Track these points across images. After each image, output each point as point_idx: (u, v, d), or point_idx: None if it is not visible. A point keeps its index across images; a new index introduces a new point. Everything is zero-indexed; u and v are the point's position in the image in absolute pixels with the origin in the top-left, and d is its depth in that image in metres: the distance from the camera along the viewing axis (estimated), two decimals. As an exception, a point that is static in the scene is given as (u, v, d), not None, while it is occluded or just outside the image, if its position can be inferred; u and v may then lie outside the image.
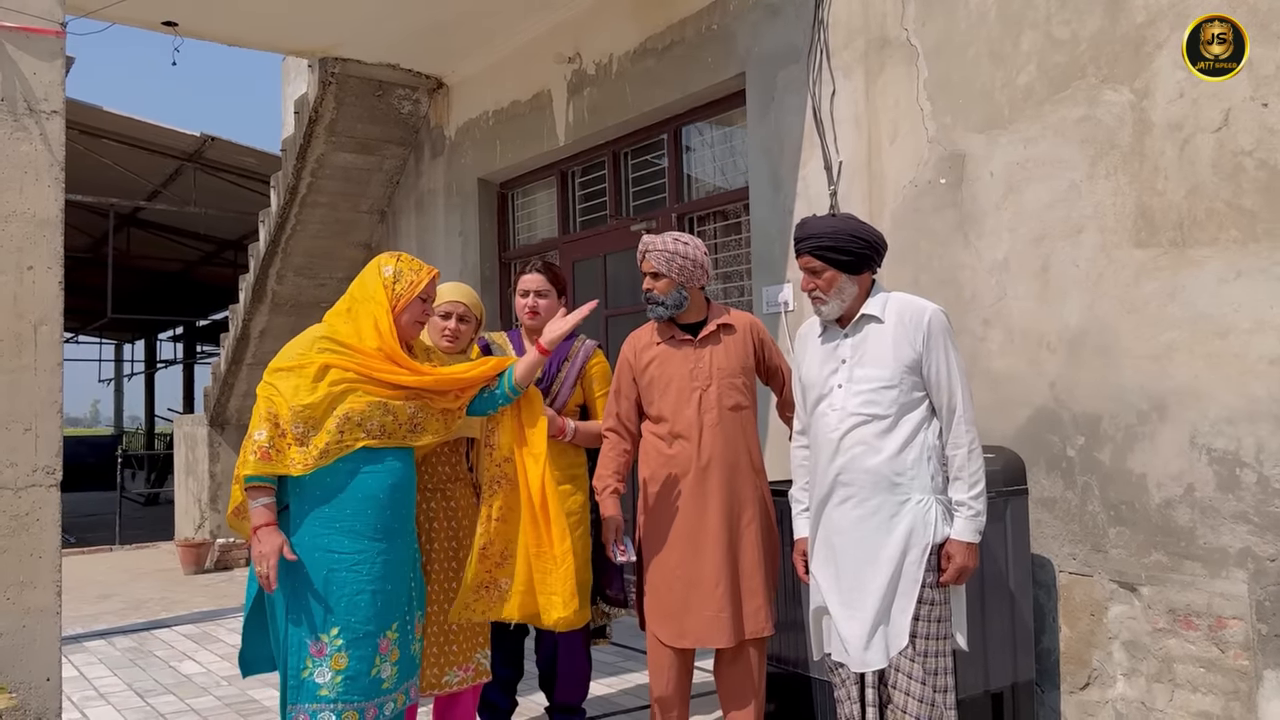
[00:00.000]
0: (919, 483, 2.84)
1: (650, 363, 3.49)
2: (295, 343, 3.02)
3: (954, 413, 2.87)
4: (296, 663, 2.81)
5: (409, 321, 3.10)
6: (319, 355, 2.94)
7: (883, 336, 2.91)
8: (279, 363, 2.96)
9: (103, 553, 10.45)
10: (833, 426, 2.92)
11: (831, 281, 2.94)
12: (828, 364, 2.99)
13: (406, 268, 3.13)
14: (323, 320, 3.10)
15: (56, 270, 3.39)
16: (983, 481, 2.87)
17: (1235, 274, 3.32)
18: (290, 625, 2.82)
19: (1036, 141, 3.87)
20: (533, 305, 3.75)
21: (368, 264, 3.17)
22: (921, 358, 2.87)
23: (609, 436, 3.57)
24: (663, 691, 3.45)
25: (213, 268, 16.30)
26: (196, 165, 11.59)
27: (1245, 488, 3.28)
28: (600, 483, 3.52)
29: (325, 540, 2.86)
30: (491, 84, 7.16)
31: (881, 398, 2.86)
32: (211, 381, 9.37)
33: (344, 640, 2.83)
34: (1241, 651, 3.29)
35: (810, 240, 2.96)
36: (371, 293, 3.08)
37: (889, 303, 2.95)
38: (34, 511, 3.31)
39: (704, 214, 5.74)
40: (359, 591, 2.87)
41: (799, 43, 4.84)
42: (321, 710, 2.81)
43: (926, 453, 2.86)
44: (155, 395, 22.06)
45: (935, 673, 2.79)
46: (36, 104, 3.36)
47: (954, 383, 2.87)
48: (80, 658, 5.53)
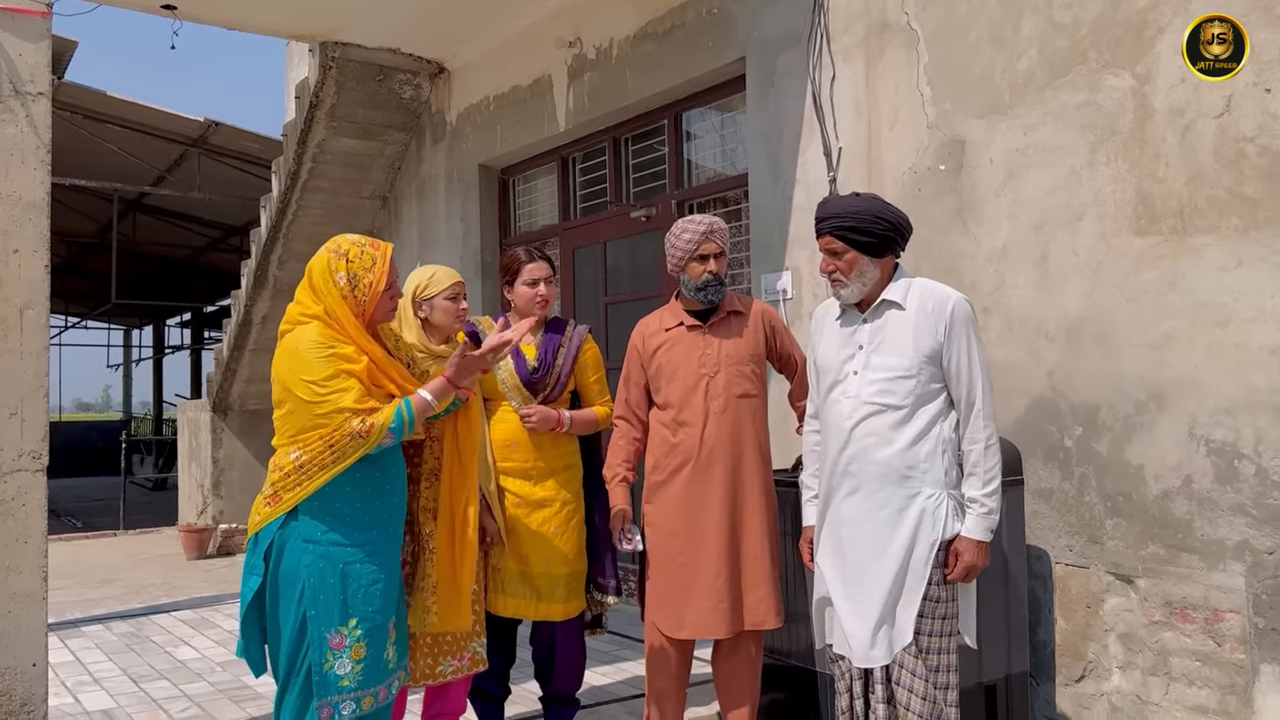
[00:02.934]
0: (931, 477, 2.76)
1: (659, 349, 3.46)
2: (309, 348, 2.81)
3: (973, 406, 2.77)
4: (317, 658, 2.79)
5: (381, 317, 2.99)
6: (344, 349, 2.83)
7: (903, 324, 2.81)
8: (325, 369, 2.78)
9: (107, 537, 10.49)
10: (845, 415, 2.83)
11: (853, 264, 2.84)
12: (844, 349, 2.89)
13: (359, 267, 2.90)
14: (298, 318, 2.89)
15: (43, 253, 3.36)
16: (998, 479, 2.78)
17: (1236, 262, 3.26)
18: (309, 621, 2.79)
19: (1037, 128, 3.81)
20: (545, 294, 3.68)
21: (316, 267, 2.88)
22: (942, 348, 2.77)
23: (619, 424, 3.55)
24: (659, 680, 3.42)
25: (219, 254, 16.32)
26: (201, 150, 11.57)
27: (1244, 479, 3.23)
28: (609, 471, 3.50)
29: (337, 533, 2.83)
30: (492, 69, 7.11)
31: (898, 387, 2.77)
32: (215, 367, 9.37)
33: (363, 630, 2.83)
34: (1238, 645, 3.25)
35: (832, 220, 2.86)
36: (334, 304, 2.87)
37: (912, 288, 2.85)
38: (20, 496, 3.29)
39: (704, 200, 5.69)
40: (374, 581, 2.87)
41: (799, 27, 4.78)
42: (344, 701, 2.82)
43: (941, 446, 2.77)
44: (163, 381, 22.13)
45: (938, 670, 2.73)
46: (22, 86, 3.32)
47: (974, 375, 2.77)
48: (77, 642, 5.53)
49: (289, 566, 2.80)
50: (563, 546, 3.61)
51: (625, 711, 4.14)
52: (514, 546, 3.58)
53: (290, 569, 2.80)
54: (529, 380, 3.62)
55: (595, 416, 3.75)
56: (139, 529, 10.88)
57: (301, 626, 2.80)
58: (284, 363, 2.84)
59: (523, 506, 3.59)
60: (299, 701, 2.82)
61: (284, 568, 2.81)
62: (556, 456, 3.66)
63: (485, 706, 3.78)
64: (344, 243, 2.94)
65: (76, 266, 17.30)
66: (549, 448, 3.65)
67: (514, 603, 3.58)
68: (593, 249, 6.48)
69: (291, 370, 2.80)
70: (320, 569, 2.80)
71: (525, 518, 3.59)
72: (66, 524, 12.07)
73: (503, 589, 3.57)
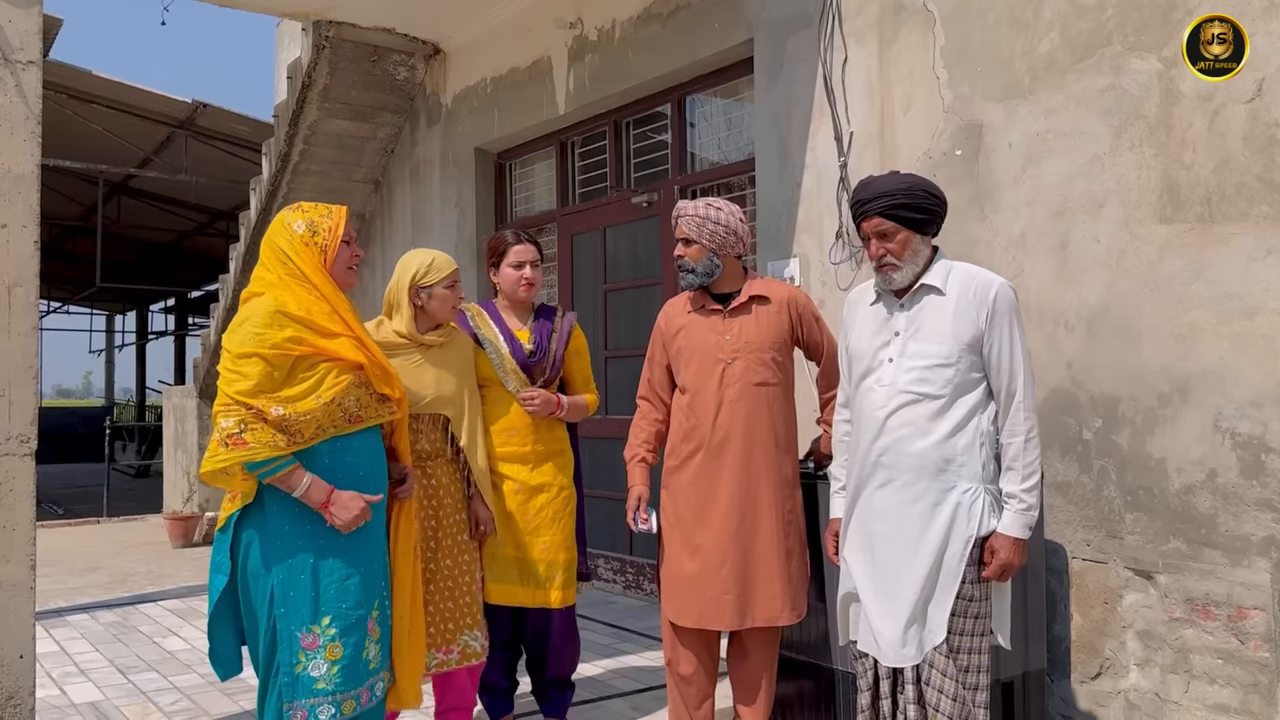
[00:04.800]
0: (968, 470, 2.63)
1: (679, 332, 3.37)
2: (250, 320, 2.67)
3: (1013, 397, 2.64)
4: (288, 658, 2.65)
5: (342, 269, 2.84)
6: (280, 333, 2.64)
7: (943, 310, 2.67)
8: (242, 346, 2.63)
9: (90, 525, 10.33)
10: (879, 404, 2.70)
11: (905, 244, 2.69)
12: (879, 335, 2.75)
13: (317, 215, 2.82)
14: (254, 290, 2.77)
15: (32, 229, 3.22)
16: (1038, 474, 2.66)
17: (1265, 251, 3.18)
18: (278, 620, 2.65)
19: (1058, 112, 3.71)
20: (530, 277, 3.61)
21: (271, 229, 2.81)
22: (984, 335, 2.64)
23: (640, 405, 3.50)
24: (680, 667, 3.35)
25: (205, 238, 16.13)
26: (188, 132, 11.39)
27: (1270, 474, 3.15)
28: (629, 451, 3.46)
29: (307, 526, 2.69)
30: (490, 50, 6.97)
31: (936, 376, 2.64)
32: (201, 353, 9.22)
33: (337, 629, 2.69)
34: (1262, 643, 3.17)
35: (882, 199, 2.69)
36: (293, 255, 2.77)
37: (952, 273, 2.72)
38: (7, 482, 3.16)
39: (708, 186, 5.58)
40: (348, 576, 2.72)
41: (810, 8, 4.67)
42: (321, 704, 2.68)
43: (980, 439, 2.64)
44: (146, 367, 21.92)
45: (969, 670, 2.61)
46: (12, 54, 3.18)
47: (1016, 365, 2.64)
48: (62, 632, 5.40)
49: (256, 563, 2.68)
50: (560, 532, 3.58)
51: (629, 707, 4.04)
52: (512, 533, 3.53)
53: (257, 565, 2.68)
54: (526, 363, 3.56)
55: (586, 403, 3.73)
56: (123, 516, 10.73)
57: (271, 627, 2.67)
58: (225, 333, 2.72)
59: (521, 493, 3.54)
60: (278, 705, 2.70)
61: (251, 564, 2.68)
62: (552, 441, 3.63)
63: (493, 699, 3.69)
64: (296, 203, 2.88)
65: (59, 250, 17.07)
66: (545, 433, 3.61)
67: (513, 590, 3.52)
68: (592, 235, 6.37)
69: (227, 336, 2.69)
70: (289, 565, 2.66)
71: (524, 504, 3.54)
72: (47, 511, 11.89)
73: (500, 578, 3.51)
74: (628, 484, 3.43)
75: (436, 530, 3.35)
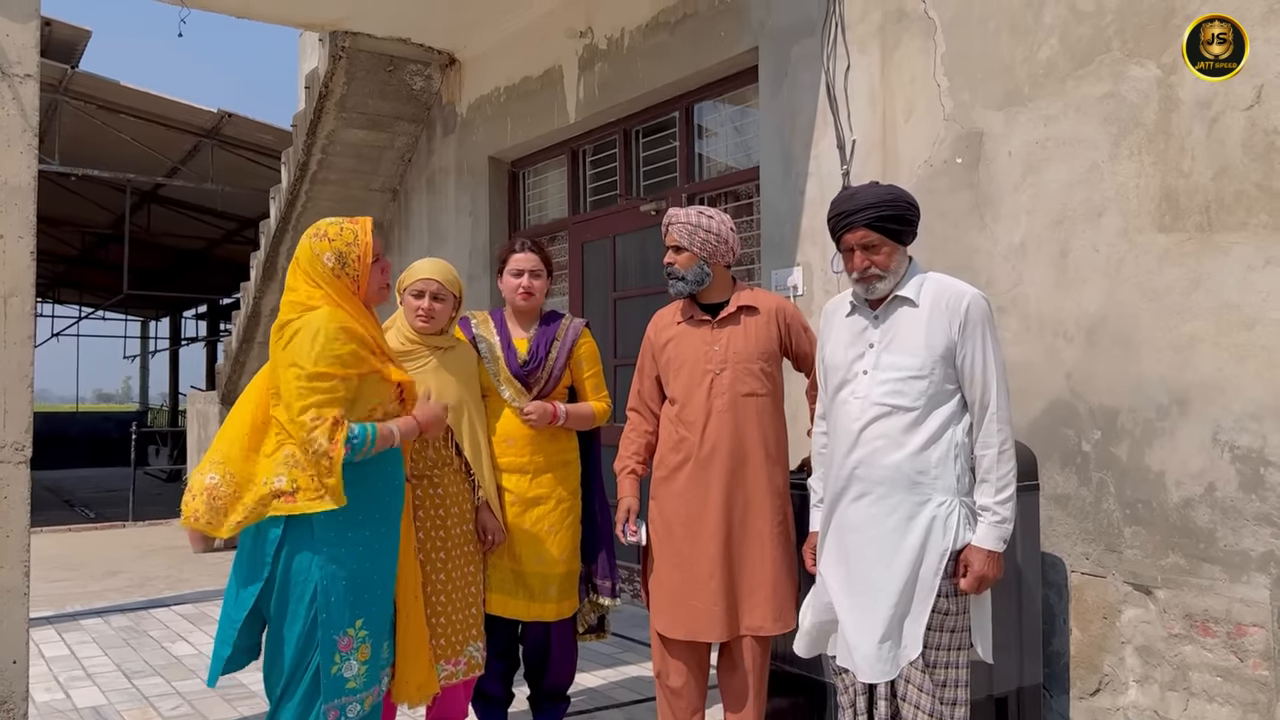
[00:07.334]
0: (942, 483, 2.61)
1: (668, 342, 3.37)
2: (314, 337, 2.69)
3: (987, 409, 2.61)
4: (326, 661, 2.70)
5: (375, 290, 2.90)
6: (345, 347, 2.71)
7: (916, 321, 2.66)
8: (317, 365, 2.66)
9: (116, 529, 10.46)
10: (854, 416, 2.69)
11: (891, 255, 2.69)
12: (854, 347, 2.75)
13: (343, 245, 2.81)
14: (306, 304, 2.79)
15: (28, 240, 3.27)
16: (1012, 486, 2.62)
17: (1264, 261, 3.11)
18: (320, 626, 2.69)
19: (1057, 120, 3.67)
20: (527, 286, 3.61)
21: (301, 257, 2.81)
22: (956, 346, 2.62)
23: (630, 416, 3.48)
24: (669, 680, 3.32)
25: (234, 245, 16.29)
26: (215, 142, 11.52)
27: (1270, 488, 3.09)
28: (619, 463, 3.43)
29: (348, 532, 2.73)
30: (503, 60, 7.00)
31: (909, 388, 2.62)
32: (224, 359, 9.31)
33: (368, 631, 2.77)
34: (1261, 661, 3.11)
35: (869, 210, 2.68)
36: (327, 285, 2.79)
37: (925, 284, 2.71)
38: (1, 489, 3.20)
39: (715, 194, 5.57)
40: (380, 579, 2.81)
41: (814, 16, 4.65)
42: (350, 703, 2.75)
43: (954, 451, 2.62)
44: (180, 372, 22.19)
45: (945, 685, 2.58)
46: (9, 67, 3.23)
47: (990, 376, 2.61)
48: (74, 636, 5.47)
49: (301, 566, 2.70)
50: (557, 545, 3.54)
51: (625, 718, 4.02)
52: (508, 545, 3.52)
53: (302, 569, 2.70)
54: (519, 372, 3.55)
55: (591, 411, 3.69)
56: (149, 520, 10.85)
57: (310, 629, 2.70)
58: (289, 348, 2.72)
59: (517, 504, 3.53)
60: (301, 707, 2.72)
61: (295, 568, 2.70)
62: (554, 451, 3.60)
63: (488, 708, 3.68)
64: (320, 225, 2.87)
65: (92, 257, 17.31)
66: (546, 443, 3.58)
67: (507, 602, 3.50)
68: (602, 243, 6.37)
69: (288, 351, 2.69)
70: (333, 571, 2.70)
71: (520, 515, 3.53)
72: (79, 514, 12.06)
73: (496, 588, 3.50)
74: (617, 495, 3.42)
75: (445, 540, 3.35)
